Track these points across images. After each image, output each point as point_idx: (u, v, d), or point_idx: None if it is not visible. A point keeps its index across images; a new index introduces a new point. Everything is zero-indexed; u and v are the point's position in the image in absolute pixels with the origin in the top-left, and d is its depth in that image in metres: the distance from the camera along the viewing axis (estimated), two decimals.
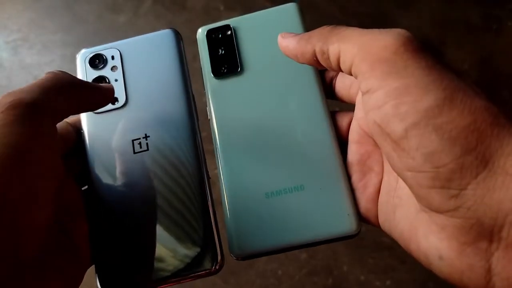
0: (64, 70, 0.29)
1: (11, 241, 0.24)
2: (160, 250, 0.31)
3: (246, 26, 0.38)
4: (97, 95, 0.31)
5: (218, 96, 0.36)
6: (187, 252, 0.31)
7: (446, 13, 1.12)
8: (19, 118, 0.25)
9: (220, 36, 0.38)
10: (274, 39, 0.33)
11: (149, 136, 0.33)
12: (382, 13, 1.14)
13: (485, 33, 1.09)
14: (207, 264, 0.30)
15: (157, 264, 0.31)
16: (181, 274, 0.30)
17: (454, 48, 1.08)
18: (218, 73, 0.36)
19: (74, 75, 0.35)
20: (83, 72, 0.36)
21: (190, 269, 0.30)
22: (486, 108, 0.22)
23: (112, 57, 0.36)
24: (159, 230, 0.31)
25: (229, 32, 0.37)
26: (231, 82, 0.36)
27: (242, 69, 0.36)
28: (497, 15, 1.10)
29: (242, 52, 0.37)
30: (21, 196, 0.24)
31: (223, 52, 0.37)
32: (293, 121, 0.34)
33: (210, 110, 0.35)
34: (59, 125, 0.33)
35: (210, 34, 0.38)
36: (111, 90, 0.32)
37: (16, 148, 0.24)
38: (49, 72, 0.28)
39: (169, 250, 0.31)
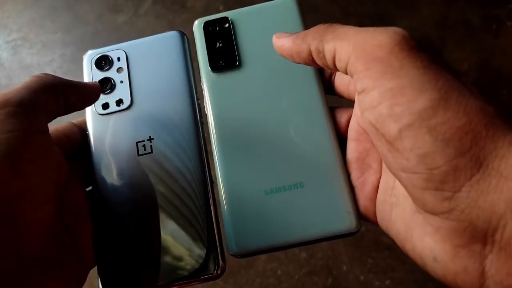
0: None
1: (13, 239, 0.24)
2: (162, 253, 0.31)
3: (244, 19, 0.37)
4: (83, 93, 0.31)
5: (216, 91, 0.35)
6: (189, 256, 0.31)
7: (446, 14, 1.12)
8: (9, 116, 0.25)
9: (217, 28, 0.37)
10: (272, 33, 0.32)
11: (153, 139, 0.33)
12: (382, 13, 1.14)
13: (485, 33, 1.09)
14: (209, 269, 0.30)
15: (158, 268, 0.31)
16: (183, 278, 0.30)
17: (454, 48, 1.08)
18: (216, 67, 0.35)
19: (77, 75, 0.36)
20: (89, 73, 0.36)
21: (192, 274, 0.30)
22: (481, 108, 0.22)
23: (118, 59, 0.36)
24: (161, 233, 0.31)
25: (227, 25, 0.37)
26: (229, 77, 0.35)
27: (240, 63, 0.35)
28: (497, 15, 1.10)
29: (240, 46, 0.36)
30: (18, 193, 0.24)
31: (220, 45, 0.36)
32: (292, 117, 0.33)
33: (207, 105, 0.35)
34: (64, 125, 0.34)
35: (207, 26, 0.37)
36: (96, 87, 0.32)
37: (8, 146, 0.24)
38: (33, 75, 0.28)
39: (171, 254, 0.31)
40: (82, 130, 0.35)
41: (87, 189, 0.33)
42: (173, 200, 0.32)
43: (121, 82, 0.35)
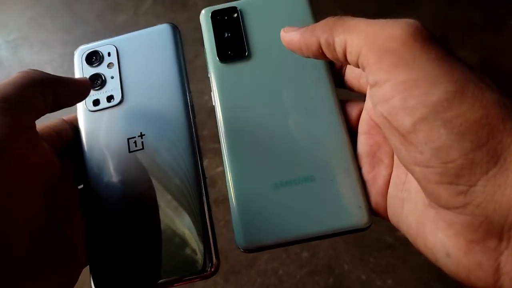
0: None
1: (1, 238, 0.24)
2: (154, 252, 0.30)
3: (253, 9, 0.36)
4: (72, 89, 0.31)
5: (224, 81, 0.34)
6: (182, 254, 0.30)
7: (447, 12, 1.12)
8: None
9: (226, 18, 0.36)
10: (281, 23, 0.32)
11: (144, 135, 0.33)
12: (383, 11, 1.14)
13: (486, 31, 1.08)
14: (202, 267, 0.30)
15: (151, 267, 0.30)
16: (175, 277, 0.30)
17: (455, 47, 1.07)
18: (224, 57, 0.35)
19: (73, 73, 0.35)
20: (80, 70, 0.36)
21: (184, 272, 0.30)
22: (498, 102, 0.21)
23: (109, 54, 0.36)
24: (153, 231, 0.31)
25: (235, 15, 0.36)
26: (237, 67, 0.35)
27: (249, 54, 0.35)
28: (499, 13, 1.09)
29: (249, 36, 0.36)
30: (3, 190, 0.24)
31: (229, 35, 0.36)
32: (302, 110, 0.33)
33: (215, 96, 0.34)
34: (55, 122, 0.33)
35: (215, 15, 0.36)
36: (86, 83, 0.32)
37: None
38: (20, 71, 0.28)
39: (163, 252, 0.30)
40: (73, 126, 0.34)
41: (79, 187, 0.33)
42: (165, 197, 0.31)
43: (112, 77, 0.35)
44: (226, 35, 0.36)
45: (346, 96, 0.33)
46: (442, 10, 1.12)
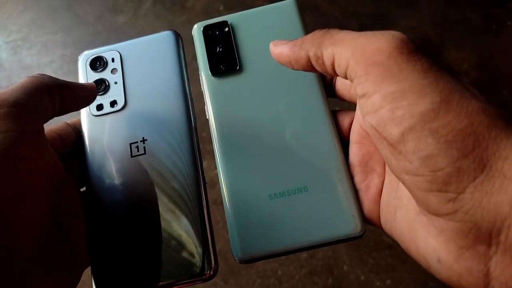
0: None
1: (6, 239, 0.24)
2: (154, 254, 0.31)
3: (244, 22, 0.37)
4: (79, 94, 0.31)
5: (217, 95, 0.35)
6: (182, 257, 0.30)
7: (446, 13, 1.12)
8: (4, 117, 0.25)
9: (217, 32, 0.36)
10: (272, 36, 0.32)
11: (146, 140, 0.33)
12: (382, 13, 1.14)
13: (485, 32, 1.09)
14: (201, 270, 0.30)
15: (151, 269, 0.30)
16: (175, 279, 0.30)
17: (454, 48, 1.08)
18: (216, 71, 0.35)
19: (75, 76, 0.36)
20: (84, 75, 0.36)
21: (184, 275, 0.30)
22: (483, 110, 0.22)
23: (113, 60, 0.36)
24: (154, 234, 0.31)
25: (226, 29, 0.36)
26: (230, 81, 0.35)
27: (241, 67, 0.35)
28: (497, 14, 1.10)
29: (241, 50, 0.36)
30: (12, 193, 0.25)
31: (220, 49, 0.36)
32: (295, 121, 0.33)
33: (208, 110, 0.34)
34: (58, 125, 0.34)
35: (206, 30, 0.37)
36: (93, 89, 0.32)
37: (3, 146, 0.24)
38: (29, 76, 0.28)
39: (163, 254, 0.31)
40: (76, 130, 0.35)
41: (82, 189, 0.33)
42: (165, 201, 0.32)
43: (115, 83, 0.35)
44: (217, 49, 0.36)
45: (338, 105, 0.34)
46: (441, 11, 1.12)
